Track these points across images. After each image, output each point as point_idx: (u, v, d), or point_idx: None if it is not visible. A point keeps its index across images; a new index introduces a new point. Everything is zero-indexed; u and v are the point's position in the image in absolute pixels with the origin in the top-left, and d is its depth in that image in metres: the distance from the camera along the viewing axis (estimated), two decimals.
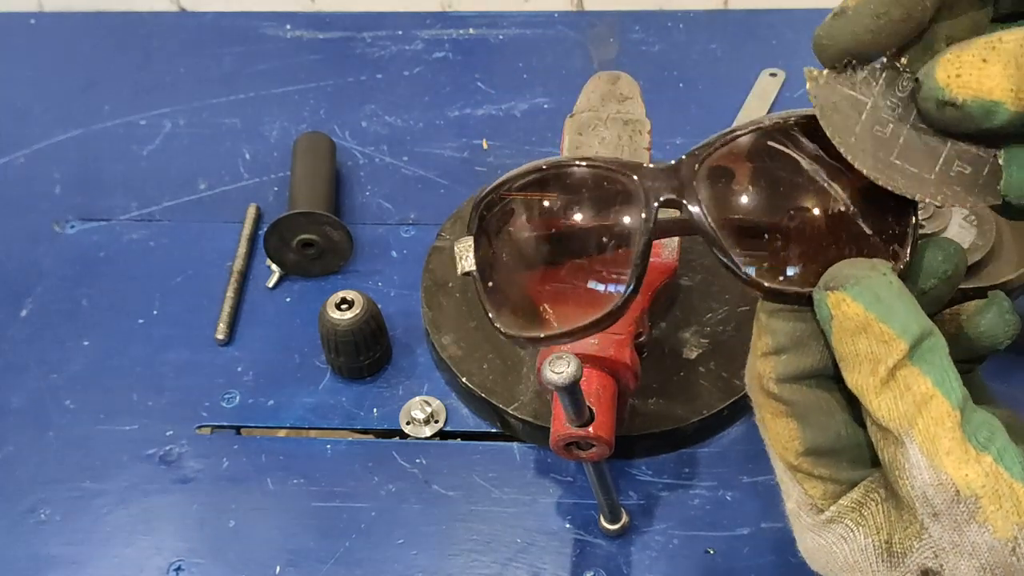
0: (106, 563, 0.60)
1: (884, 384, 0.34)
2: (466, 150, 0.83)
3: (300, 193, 0.75)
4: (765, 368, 0.37)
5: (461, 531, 0.60)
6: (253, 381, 0.68)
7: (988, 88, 0.33)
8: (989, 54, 0.33)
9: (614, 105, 0.62)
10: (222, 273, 0.74)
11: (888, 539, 0.35)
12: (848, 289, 0.34)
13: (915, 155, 0.36)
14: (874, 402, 0.34)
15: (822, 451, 0.37)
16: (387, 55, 0.92)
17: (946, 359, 0.34)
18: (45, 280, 0.75)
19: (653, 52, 0.91)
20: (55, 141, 0.85)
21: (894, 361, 0.33)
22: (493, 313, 0.42)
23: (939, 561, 0.34)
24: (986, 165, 0.36)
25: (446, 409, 0.66)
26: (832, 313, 0.34)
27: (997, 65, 0.33)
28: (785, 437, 0.37)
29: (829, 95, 0.36)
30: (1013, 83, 0.33)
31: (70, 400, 0.67)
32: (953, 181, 0.36)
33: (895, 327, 0.33)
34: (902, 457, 0.33)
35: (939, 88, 0.34)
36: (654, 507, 0.61)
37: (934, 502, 0.33)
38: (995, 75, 0.33)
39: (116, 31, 0.96)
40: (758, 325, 0.38)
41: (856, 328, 0.34)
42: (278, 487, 0.62)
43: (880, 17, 0.35)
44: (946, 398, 0.33)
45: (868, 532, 0.36)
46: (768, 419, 0.38)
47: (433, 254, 0.71)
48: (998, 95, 0.33)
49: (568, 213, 0.41)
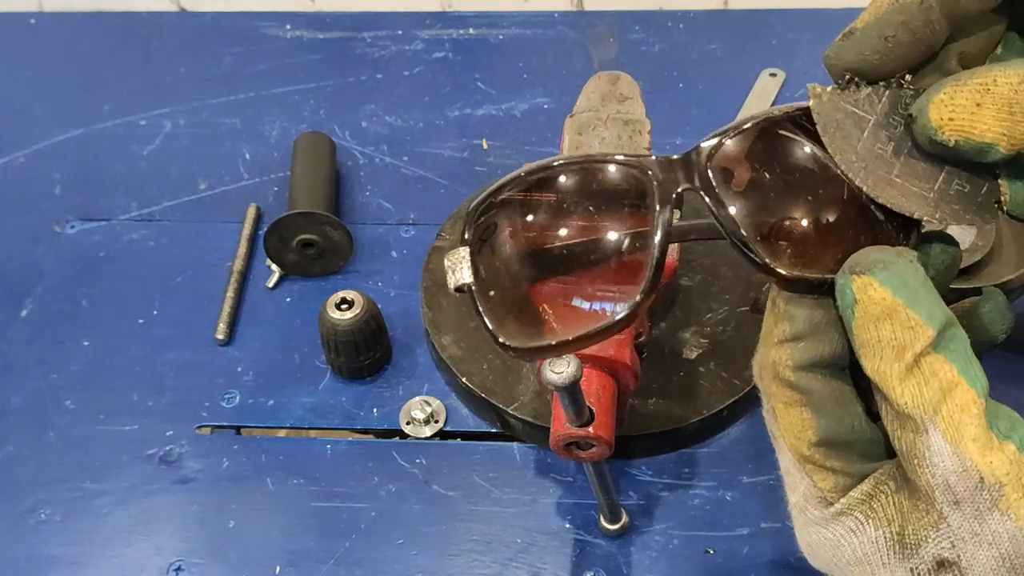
0: (106, 563, 0.60)
1: (908, 371, 0.33)
2: (466, 150, 0.83)
3: (300, 193, 0.75)
4: (781, 355, 0.37)
5: (461, 531, 0.60)
6: (253, 381, 0.68)
7: (980, 132, 0.34)
8: (983, 98, 0.33)
9: (614, 105, 0.62)
10: (222, 273, 0.74)
11: (900, 530, 0.35)
12: (876, 274, 0.34)
13: (915, 173, 0.36)
14: (897, 388, 0.33)
15: (835, 442, 0.36)
16: (387, 55, 0.92)
17: (969, 348, 0.34)
18: (45, 280, 0.75)
19: (653, 52, 0.91)
20: (55, 141, 0.85)
21: (921, 347, 0.33)
22: (495, 326, 0.39)
23: (956, 551, 0.34)
24: (985, 183, 0.36)
25: (446, 409, 0.66)
26: (857, 298, 0.34)
27: (990, 109, 0.33)
28: (798, 427, 0.37)
29: (832, 112, 0.36)
30: (1005, 128, 0.33)
31: (70, 400, 0.67)
32: (952, 199, 0.36)
33: (922, 313, 0.33)
34: (922, 445, 0.33)
35: (932, 128, 0.34)
36: (654, 507, 0.61)
37: (956, 489, 0.33)
38: (987, 120, 0.33)
39: (116, 31, 0.96)
40: (774, 312, 0.37)
41: (881, 313, 0.33)
42: (278, 487, 0.62)
43: (888, 40, 0.36)
44: (971, 386, 0.33)
45: (879, 524, 0.35)
46: (780, 408, 0.37)
47: (433, 254, 0.71)
48: (990, 139, 0.34)
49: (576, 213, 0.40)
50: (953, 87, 0.34)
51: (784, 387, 0.37)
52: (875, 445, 0.37)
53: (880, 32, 0.35)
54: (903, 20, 0.35)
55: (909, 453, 0.34)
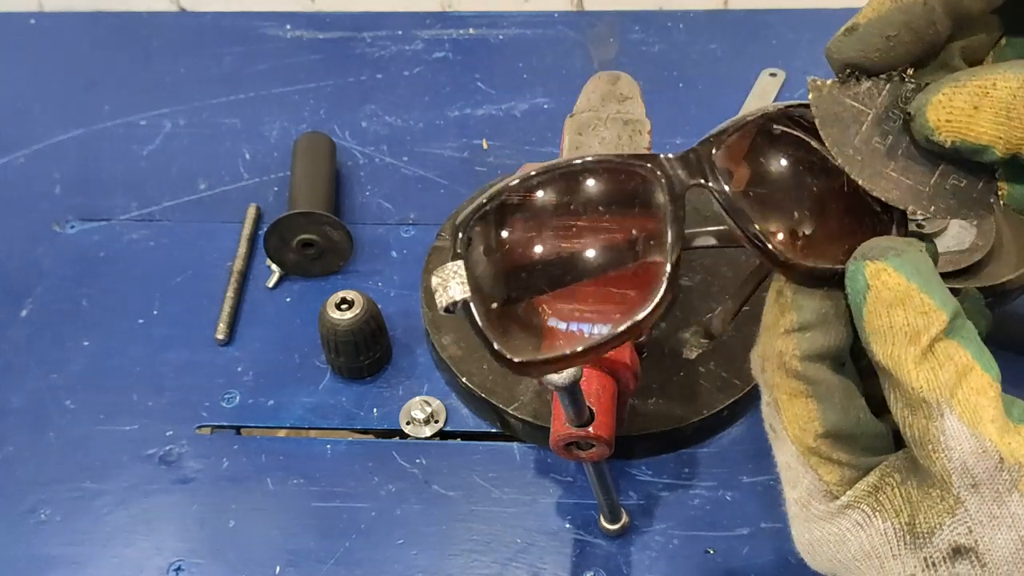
0: (106, 563, 0.60)
1: (923, 356, 0.33)
2: (466, 150, 0.83)
3: (300, 193, 0.75)
4: (788, 345, 0.36)
5: (461, 531, 0.60)
6: (253, 381, 0.68)
7: (976, 134, 0.34)
8: (981, 101, 0.33)
9: (614, 105, 0.62)
10: (222, 273, 0.74)
11: (911, 520, 0.34)
12: (890, 260, 0.34)
13: (912, 167, 0.36)
14: (912, 372, 0.33)
15: (841, 434, 0.36)
16: (387, 55, 0.92)
17: (979, 337, 0.34)
18: (45, 280, 0.75)
19: (653, 52, 0.91)
20: (55, 141, 0.85)
21: (935, 332, 0.33)
22: (499, 342, 0.36)
23: (973, 536, 0.33)
24: (981, 179, 0.36)
25: (446, 409, 0.66)
26: (870, 283, 0.34)
27: (988, 113, 0.33)
28: (803, 418, 0.36)
29: (831, 105, 0.36)
30: (1002, 132, 0.33)
31: (70, 400, 0.67)
32: (948, 194, 0.36)
33: (936, 299, 0.33)
34: (936, 430, 0.33)
35: (929, 128, 0.35)
36: (654, 507, 0.61)
37: (975, 471, 0.33)
38: (984, 123, 0.34)
39: (116, 31, 0.96)
40: (781, 303, 0.37)
41: (894, 299, 0.33)
42: (278, 487, 0.62)
43: (890, 39, 0.36)
44: (985, 371, 0.33)
45: (887, 515, 0.35)
46: (784, 400, 0.37)
47: (433, 254, 0.71)
48: (986, 142, 0.34)
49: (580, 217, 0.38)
50: (952, 88, 0.34)
51: (790, 377, 0.37)
52: (879, 439, 0.37)
53: (882, 31, 0.35)
54: (905, 20, 0.35)
55: (922, 439, 0.33)
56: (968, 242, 0.63)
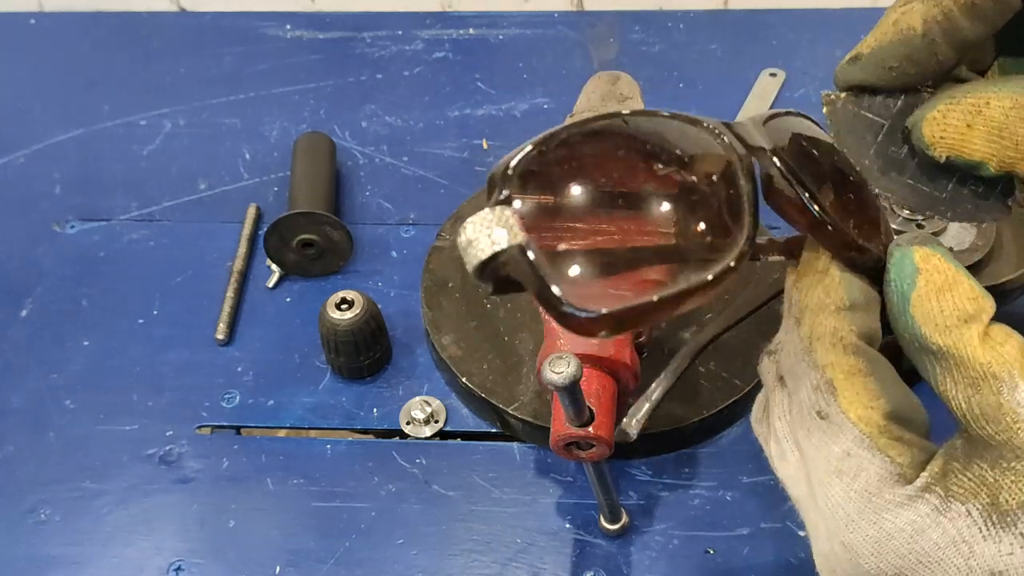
0: (106, 563, 0.60)
1: (984, 335, 0.33)
2: (466, 150, 0.83)
3: (300, 193, 0.75)
4: (842, 323, 0.35)
5: (461, 531, 0.60)
6: (253, 381, 0.68)
7: (970, 151, 0.34)
8: (974, 119, 0.34)
9: (614, 105, 0.62)
10: (222, 273, 0.74)
11: (992, 500, 0.33)
12: (935, 248, 0.34)
13: (928, 174, 0.36)
14: (978, 349, 0.33)
15: (903, 415, 0.34)
16: (387, 55, 0.92)
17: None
18: (45, 280, 0.75)
19: (653, 52, 0.91)
20: (55, 141, 0.85)
21: (989, 316, 0.33)
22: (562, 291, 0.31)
23: None
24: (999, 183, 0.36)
25: (446, 409, 0.66)
26: (920, 267, 0.34)
27: (980, 131, 0.34)
28: (866, 397, 0.34)
29: (845, 117, 0.37)
30: (995, 150, 0.34)
31: (70, 400, 0.67)
32: (965, 199, 0.36)
33: (977, 288, 0.33)
34: (1012, 401, 0.32)
35: (925, 144, 0.35)
36: (654, 507, 0.61)
37: None
38: (977, 141, 0.34)
39: (116, 31, 0.96)
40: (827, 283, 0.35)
41: (945, 283, 0.33)
42: (278, 487, 0.62)
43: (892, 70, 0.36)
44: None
45: (965, 498, 0.33)
46: (842, 380, 0.34)
47: (433, 254, 0.71)
48: (980, 158, 0.34)
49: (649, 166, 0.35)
50: (946, 105, 0.34)
51: (848, 355, 0.34)
52: (926, 425, 0.35)
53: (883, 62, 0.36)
54: (906, 52, 0.36)
55: (995, 415, 0.32)
56: (968, 242, 0.63)
